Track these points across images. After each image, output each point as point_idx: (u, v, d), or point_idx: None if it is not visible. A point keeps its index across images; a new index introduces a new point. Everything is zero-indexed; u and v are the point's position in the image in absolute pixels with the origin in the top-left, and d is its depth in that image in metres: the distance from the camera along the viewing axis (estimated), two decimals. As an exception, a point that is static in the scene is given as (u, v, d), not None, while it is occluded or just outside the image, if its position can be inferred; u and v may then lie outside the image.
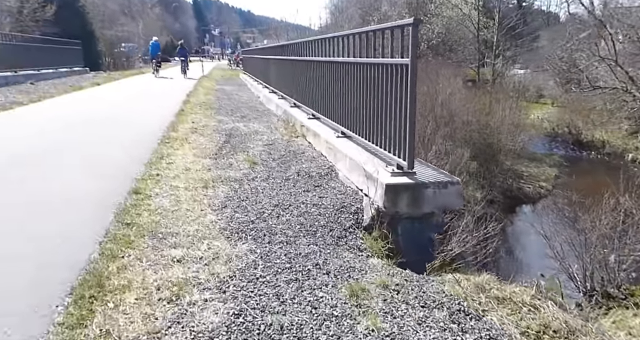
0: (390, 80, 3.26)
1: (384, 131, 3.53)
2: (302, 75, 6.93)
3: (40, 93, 11.05)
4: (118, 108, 9.35)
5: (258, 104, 10.74)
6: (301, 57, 7.05)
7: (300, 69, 7.10)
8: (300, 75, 7.09)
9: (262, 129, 7.04)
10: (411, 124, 3.01)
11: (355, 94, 4.24)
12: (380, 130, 3.64)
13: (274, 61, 10.40)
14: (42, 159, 4.99)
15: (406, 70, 2.98)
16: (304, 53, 6.89)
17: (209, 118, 8.34)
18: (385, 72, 3.38)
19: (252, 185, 4.23)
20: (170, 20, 63.59)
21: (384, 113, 3.49)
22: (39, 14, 21.93)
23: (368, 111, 3.90)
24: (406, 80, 2.99)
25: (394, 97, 3.23)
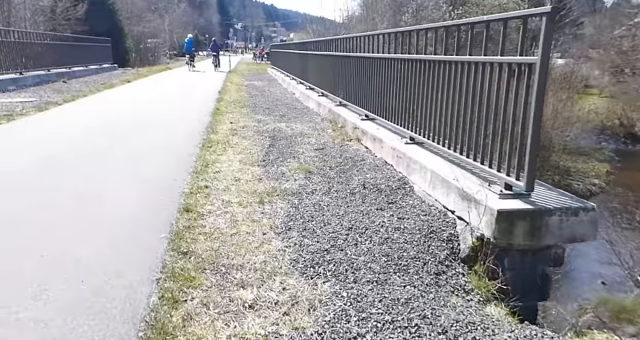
0: (506, 82, 2.65)
1: (485, 142, 2.92)
2: (354, 72, 6.34)
3: (73, 92, 10.82)
4: (152, 108, 8.98)
5: (294, 101, 10.21)
6: (353, 53, 6.46)
7: (350, 65, 6.51)
8: (351, 73, 6.50)
9: (307, 131, 6.50)
10: (534, 136, 2.41)
11: (439, 96, 3.64)
12: (477, 141, 3.04)
13: (313, 56, 9.83)
14: (78, 167, 4.58)
15: (533, 71, 2.37)
16: (357, 49, 6.30)
17: (246, 118, 7.87)
18: (498, 72, 2.76)
19: (313, 200, 3.70)
20: (195, 16, 63.70)
21: (488, 120, 2.88)
22: (71, 12, 21.97)
23: (458, 117, 3.30)
24: (532, 83, 2.38)
25: (509, 102, 2.63)
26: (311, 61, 10.12)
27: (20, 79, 11.41)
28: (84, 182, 4.06)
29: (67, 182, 4.06)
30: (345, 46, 7.08)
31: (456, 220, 3.04)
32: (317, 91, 9.70)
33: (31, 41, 12.73)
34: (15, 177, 4.16)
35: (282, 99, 10.66)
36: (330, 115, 7.11)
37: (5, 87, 10.32)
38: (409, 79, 4.29)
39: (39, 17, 22.39)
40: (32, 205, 3.48)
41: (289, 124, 7.09)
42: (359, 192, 3.83)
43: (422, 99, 3.99)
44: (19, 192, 3.78)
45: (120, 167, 4.52)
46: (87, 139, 5.83)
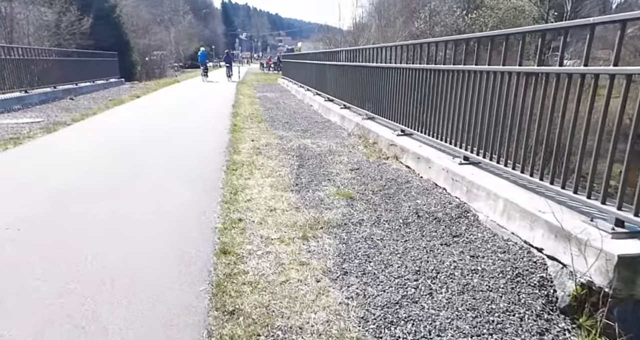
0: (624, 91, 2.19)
1: (579, 166, 2.46)
2: (386, 84, 5.91)
3: (81, 110, 10.47)
4: (166, 126, 8.59)
5: (313, 114, 9.80)
6: (385, 64, 6.03)
7: (382, 77, 6.09)
8: (382, 85, 6.07)
9: (336, 147, 6.06)
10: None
11: (505, 110, 3.19)
12: (567, 165, 2.58)
13: (333, 67, 9.42)
14: (94, 204, 4.16)
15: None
16: (389, 60, 5.88)
17: (267, 133, 7.45)
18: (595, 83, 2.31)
19: (363, 233, 3.24)
20: (201, 27, 63.90)
21: (585, 138, 2.42)
22: (76, 26, 21.82)
23: (538, 135, 2.84)
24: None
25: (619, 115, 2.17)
26: (331, 72, 9.70)
27: (25, 97, 11.10)
28: (103, 223, 3.63)
29: (82, 223, 3.63)
30: (373, 57, 6.66)
31: (546, 260, 2.57)
32: (337, 103, 9.29)
33: (36, 58, 12.45)
34: (26, 218, 3.74)
35: (299, 112, 10.24)
36: (358, 129, 6.66)
37: (11, 107, 10.00)
38: (463, 92, 3.84)
39: (43, 32, 22.26)
40: (45, 259, 3.05)
41: (314, 140, 6.66)
42: (413, 222, 3.37)
43: (480, 113, 3.54)
44: (26, 243, 3.35)
45: (142, 200, 4.09)
46: (100, 167, 5.41)
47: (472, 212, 3.34)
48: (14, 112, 9.66)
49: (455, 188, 3.64)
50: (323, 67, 10.69)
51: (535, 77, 2.96)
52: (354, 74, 7.76)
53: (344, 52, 9.00)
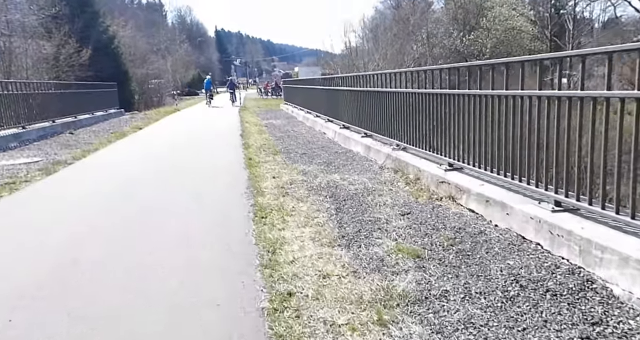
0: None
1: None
2: (424, 112, 5.27)
3: (82, 145, 9.80)
4: (174, 163, 7.90)
5: (330, 144, 9.15)
6: (422, 89, 5.40)
7: (420, 104, 5.45)
8: (420, 113, 5.43)
9: (371, 185, 5.37)
10: None
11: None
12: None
13: (350, 93, 8.83)
14: (97, 278, 3.41)
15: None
16: (425, 85, 5.26)
17: (287, 168, 6.77)
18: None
19: (457, 313, 2.49)
20: (196, 54, 64.24)
21: None
22: (75, 58, 21.43)
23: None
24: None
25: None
26: (346, 98, 9.11)
27: (23, 133, 10.44)
28: (105, 313, 2.88)
29: (80, 315, 2.88)
30: (398, 82, 6.06)
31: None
32: (354, 130, 8.68)
33: (34, 92, 11.88)
34: (22, 292, 2.99)
35: (314, 141, 9.60)
36: (392, 162, 5.98)
37: (7, 145, 9.32)
38: (547, 118, 3.17)
39: (42, 65, 21.86)
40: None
41: (343, 176, 5.97)
42: (518, 295, 2.63)
43: (587, 143, 2.87)
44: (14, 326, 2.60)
45: (155, 270, 3.33)
46: (103, 219, 4.69)
47: (600, 283, 2.59)
48: (11, 150, 8.98)
49: (557, 245, 2.92)
50: (336, 92, 10.11)
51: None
52: (377, 101, 7.15)
53: (362, 77, 8.43)
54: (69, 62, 21.33)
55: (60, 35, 20.97)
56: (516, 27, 23.54)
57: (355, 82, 8.72)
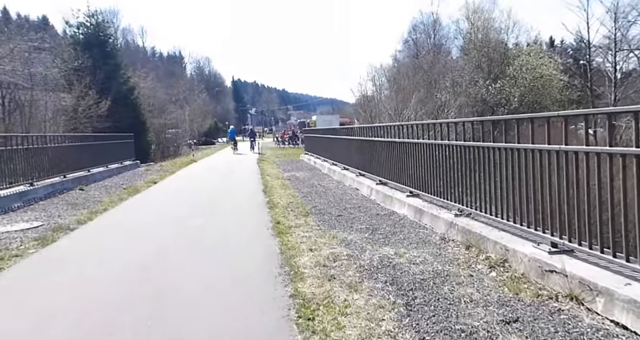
0: None
1: None
2: (514, 170, 4.22)
3: (91, 204, 8.92)
4: (191, 228, 6.91)
5: (366, 202, 8.10)
6: (517, 144, 4.38)
7: (510, 161, 4.40)
8: (507, 171, 4.38)
9: (440, 266, 4.23)
10: None
11: None
12: None
13: (390, 145, 7.90)
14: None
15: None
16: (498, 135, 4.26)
17: (324, 236, 5.69)
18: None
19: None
20: (213, 104, 65.43)
21: None
22: (93, 110, 21.30)
23: None
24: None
25: None
26: (384, 150, 8.17)
27: (29, 191, 9.64)
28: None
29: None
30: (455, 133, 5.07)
31: None
32: (393, 186, 7.67)
33: (45, 146, 11.25)
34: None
35: (347, 199, 8.58)
36: (457, 233, 4.87)
37: (10, 205, 8.48)
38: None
39: (61, 117, 21.76)
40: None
41: (397, 249, 4.87)
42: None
43: None
44: None
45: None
46: (103, 314, 3.62)
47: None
48: (12, 212, 8.11)
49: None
50: (370, 144, 9.21)
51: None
52: (427, 154, 6.18)
53: (402, 127, 7.52)
54: (87, 114, 21.18)
55: (81, 87, 20.96)
56: (545, 75, 22.97)
57: (395, 132, 7.81)
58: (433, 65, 23.23)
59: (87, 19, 24.29)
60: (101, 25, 24.94)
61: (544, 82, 23.68)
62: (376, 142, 8.79)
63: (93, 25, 24.56)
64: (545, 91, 23.93)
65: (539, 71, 23.81)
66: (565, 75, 25.10)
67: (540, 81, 23.68)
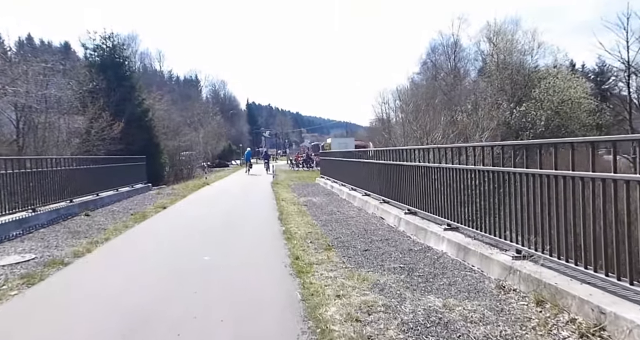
0: None
1: None
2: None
3: (94, 232, 8.24)
4: (198, 261, 6.14)
5: (394, 234, 7.26)
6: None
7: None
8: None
9: (509, 328, 3.35)
10: None
11: None
12: None
13: (420, 170, 7.09)
14: None
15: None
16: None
17: (351, 276, 4.86)
18: None
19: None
20: (228, 126, 65.58)
21: None
22: (106, 132, 20.98)
23: None
24: None
25: None
26: (414, 175, 7.35)
27: (30, 218, 9.02)
28: None
29: None
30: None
31: None
32: (423, 215, 6.83)
33: (51, 169, 10.70)
34: None
35: (371, 229, 7.74)
36: (522, 283, 3.97)
37: (6, 234, 7.83)
38: None
39: (74, 139, 21.50)
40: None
41: (445, 299, 4.00)
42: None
43: None
44: None
45: None
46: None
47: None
48: (8, 241, 7.45)
49: None
50: (398, 168, 8.41)
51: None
52: (473, 181, 5.35)
53: (437, 150, 6.73)
54: (100, 136, 20.87)
55: (95, 109, 20.73)
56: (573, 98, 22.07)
57: (424, 156, 7.03)
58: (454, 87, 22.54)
59: (103, 42, 24.35)
60: (117, 47, 24.97)
61: (573, 106, 22.76)
62: (403, 167, 8.00)
63: (109, 48, 24.59)
64: (574, 114, 22.98)
65: (567, 94, 22.91)
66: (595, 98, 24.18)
67: (568, 104, 22.76)
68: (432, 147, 7.00)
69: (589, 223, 3.42)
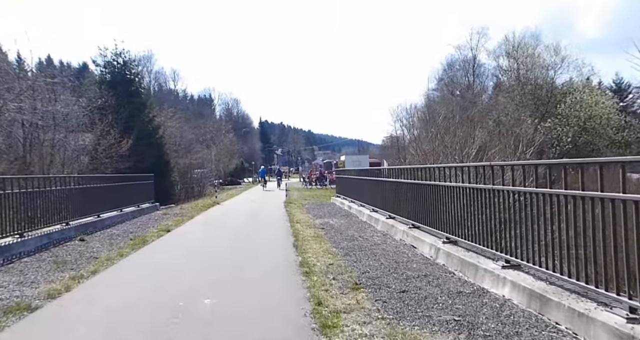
0: None
1: None
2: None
3: (82, 263, 7.20)
4: (199, 303, 5.02)
5: (432, 267, 6.05)
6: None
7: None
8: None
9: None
10: None
11: None
12: None
13: (466, 191, 5.91)
14: None
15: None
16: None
17: (392, 334, 3.69)
18: None
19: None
20: (240, 144, 65.10)
21: None
22: (114, 149, 20.24)
23: None
24: None
25: None
26: (464, 198, 6.15)
27: (14, 245, 8.02)
28: None
29: None
30: None
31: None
32: (465, 245, 5.63)
33: (45, 189, 9.77)
34: None
35: (403, 261, 6.55)
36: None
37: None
38: None
39: (85, 157, 20.81)
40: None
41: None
42: None
43: None
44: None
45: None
46: None
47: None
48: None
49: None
50: (431, 189, 7.25)
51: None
52: (545, 207, 4.17)
53: (488, 168, 5.56)
54: (108, 153, 20.11)
55: (102, 126, 20.04)
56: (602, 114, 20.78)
57: (468, 175, 5.85)
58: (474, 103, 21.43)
59: (114, 58, 23.91)
60: (128, 64, 24.50)
61: (602, 122, 21.46)
62: (439, 187, 6.84)
63: (120, 64, 24.14)
64: (602, 131, 21.66)
65: (595, 109, 21.63)
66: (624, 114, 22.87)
67: (596, 120, 21.46)
68: (482, 165, 5.84)
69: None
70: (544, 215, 4.22)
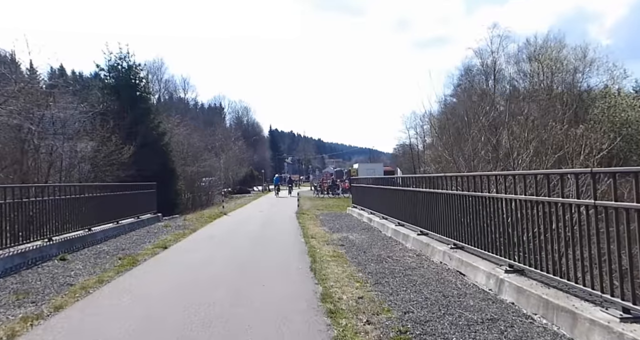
0: None
1: None
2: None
3: (48, 293, 5.84)
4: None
5: (493, 304, 4.56)
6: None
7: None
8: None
9: None
10: None
11: None
12: None
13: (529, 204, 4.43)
14: None
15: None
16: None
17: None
18: None
19: None
20: (250, 152, 64.02)
21: None
22: (115, 157, 19.04)
23: None
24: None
25: None
26: (546, 215, 4.68)
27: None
28: None
29: None
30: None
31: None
32: (535, 276, 4.15)
33: (22, 200, 8.49)
34: None
35: (454, 294, 5.07)
36: None
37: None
38: None
39: (87, 164, 19.66)
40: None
41: None
42: None
43: None
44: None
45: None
46: None
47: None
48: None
49: None
50: (484, 201, 5.78)
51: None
52: None
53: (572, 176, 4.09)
54: (108, 160, 18.92)
55: (103, 132, 18.88)
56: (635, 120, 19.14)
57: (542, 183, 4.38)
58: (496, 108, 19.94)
59: (118, 63, 22.87)
60: (132, 68, 23.44)
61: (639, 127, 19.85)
62: (496, 200, 5.36)
63: (125, 69, 23.09)
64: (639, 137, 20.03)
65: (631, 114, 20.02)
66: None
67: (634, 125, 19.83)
68: (570, 172, 4.37)
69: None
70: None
